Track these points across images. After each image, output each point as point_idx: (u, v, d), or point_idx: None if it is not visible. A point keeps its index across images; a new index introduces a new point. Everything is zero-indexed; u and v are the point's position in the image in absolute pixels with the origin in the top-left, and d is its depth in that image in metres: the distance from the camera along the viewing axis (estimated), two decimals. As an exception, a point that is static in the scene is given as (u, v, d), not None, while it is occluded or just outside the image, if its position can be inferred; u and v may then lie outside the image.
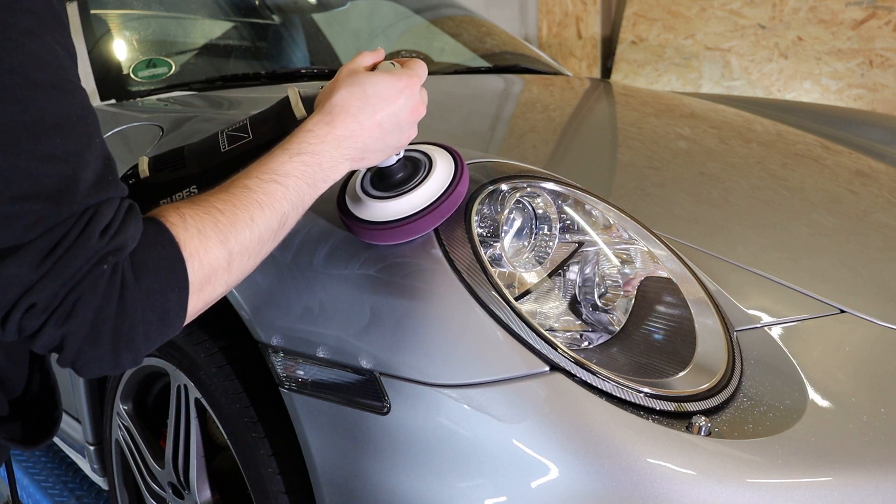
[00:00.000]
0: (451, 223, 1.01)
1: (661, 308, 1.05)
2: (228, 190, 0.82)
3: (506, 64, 2.49)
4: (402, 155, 0.99)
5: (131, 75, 1.88)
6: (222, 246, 0.78)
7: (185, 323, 0.78)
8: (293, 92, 0.97)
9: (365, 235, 1.00)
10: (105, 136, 1.60)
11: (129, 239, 0.72)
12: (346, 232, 1.04)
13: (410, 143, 1.01)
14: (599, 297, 1.07)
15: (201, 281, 0.76)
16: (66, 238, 0.68)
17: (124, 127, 1.62)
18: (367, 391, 0.97)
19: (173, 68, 1.94)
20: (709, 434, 0.89)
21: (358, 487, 0.98)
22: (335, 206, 1.02)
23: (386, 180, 0.99)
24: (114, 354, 0.72)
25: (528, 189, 1.09)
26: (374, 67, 0.98)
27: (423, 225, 0.97)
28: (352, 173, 1.04)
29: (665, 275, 1.07)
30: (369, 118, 0.90)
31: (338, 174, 0.90)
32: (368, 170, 1.01)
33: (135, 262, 0.72)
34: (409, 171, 0.99)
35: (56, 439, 1.94)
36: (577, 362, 0.92)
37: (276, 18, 2.59)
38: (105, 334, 0.71)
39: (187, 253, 0.75)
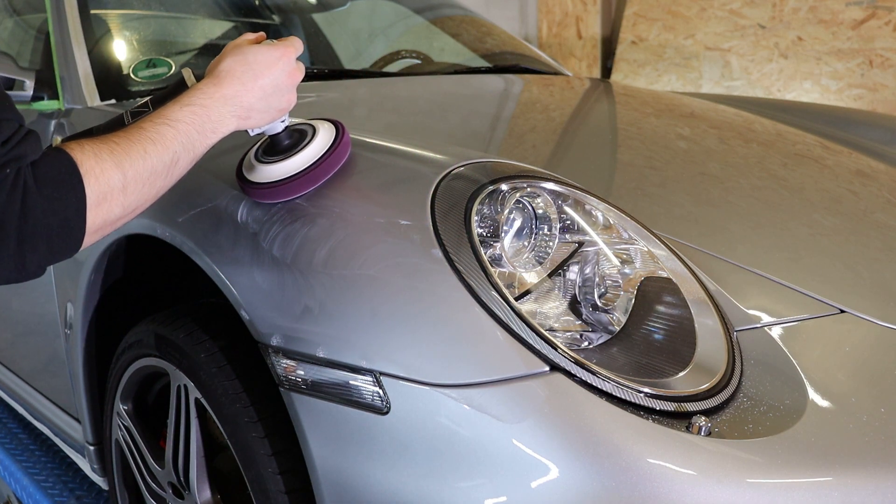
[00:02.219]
0: (452, 223, 1.01)
1: (661, 308, 1.05)
2: (125, 130, 0.95)
3: (506, 64, 2.49)
4: (287, 121, 1.12)
5: (131, 75, 1.88)
6: (117, 168, 0.90)
7: (87, 240, 0.89)
8: (187, 71, 1.10)
9: (255, 195, 1.12)
10: (105, 136, 1.60)
11: (28, 150, 0.83)
12: (346, 232, 1.04)
13: (302, 118, 1.16)
14: (599, 297, 1.07)
15: (98, 197, 0.88)
16: None
17: (124, 127, 1.61)
18: (367, 391, 0.97)
19: (173, 68, 1.93)
20: (709, 434, 0.89)
21: (358, 487, 0.98)
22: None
23: (275, 148, 1.13)
24: (19, 255, 0.83)
25: (528, 189, 1.09)
26: None
27: (303, 183, 1.09)
28: (252, 144, 1.17)
29: (665, 275, 1.07)
30: (252, 81, 1.04)
31: (225, 128, 1.02)
32: (262, 142, 1.15)
33: (36, 174, 0.83)
34: (295, 139, 1.12)
35: (56, 439, 1.94)
36: (577, 362, 0.92)
37: (276, 18, 2.59)
38: (10, 234, 0.81)
39: (84, 170, 0.87)
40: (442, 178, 1.07)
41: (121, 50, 2.04)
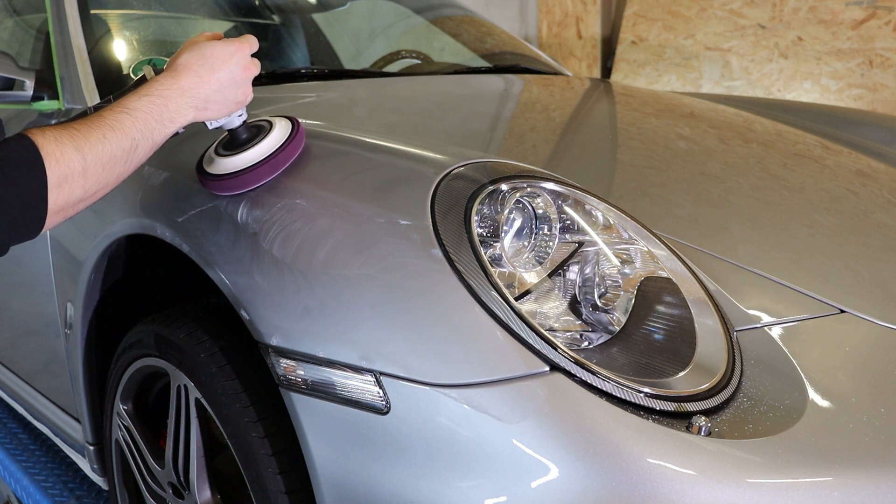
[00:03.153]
0: (452, 223, 1.01)
1: (661, 308, 1.04)
2: (86, 118, 1.00)
3: (506, 64, 2.49)
4: (244, 116, 1.17)
5: (131, 75, 1.88)
6: (77, 152, 0.94)
7: (50, 220, 0.94)
8: (147, 68, 1.17)
9: (214, 188, 1.17)
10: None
11: None
12: (346, 232, 1.04)
13: (259, 116, 1.22)
14: (599, 297, 1.07)
15: (59, 179, 0.92)
16: None
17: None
18: (367, 391, 0.97)
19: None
20: (709, 434, 0.89)
21: (358, 487, 0.98)
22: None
23: (233, 142, 1.18)
24: None
25: (528, 189, 1.09)
26: None
27: (259, 174, 1.14)
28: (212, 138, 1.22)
29: (665, 275, 1.07)
30: (209, 74, 1.09)
31: (184, 118, 1.07)
32: (222, 137, 1.21)
33: None
34: (252, 134, 1.18)
35: (56, 439, 1.94)
36: (577, 362, 0.92)
37: (276, 18, 2.59)
38: None
39: (45, 153, 0.91)
40: (442, 178, 1.07)
41: (121, 50, 2.04)
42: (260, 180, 1.14)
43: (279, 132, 1.17)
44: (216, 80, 1.10)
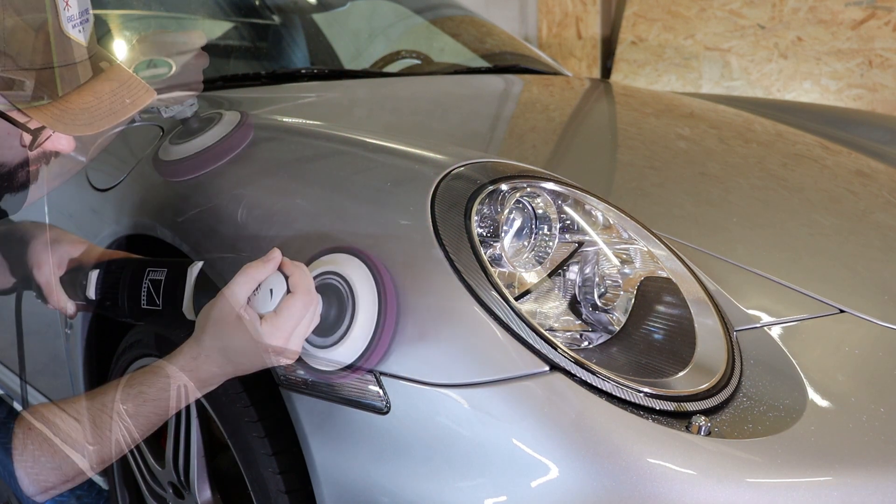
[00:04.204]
0: (452, 223, 1.01)
1: (661, 308, 1.05)
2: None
3: (506, 64, 2.49)
4: (195, 106, 1.26)
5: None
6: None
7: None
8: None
9: (165, 173, 1.27)
10: (105, 136, 1.60)
11: None
12: (346, 232, 1.04)
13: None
14: (599, 297, 1.07)
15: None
16: None
17: (125, 127, 1.61)
18: (367, 391, 0.97)
19: (173, 68, 1.93)
20: (709, 434, 0.89)
21: (358, 487, 0.98)
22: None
23: (184, 131, 1.26)
24: None
25: (528, 189, 1.09)
26: None
27: (206, 159, 1.22)
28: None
29: (665, 275, 1.07)
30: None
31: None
32: (177, 130, 1.28)
33: None
34: (203, 124, 1.27)
35: (56, 439, 1.94)
36: (576, 362, 0.92)
37: (276, 18, 2.59)
38: None
39: None
40: (442, 178, 1.07)
41: (121, 50, 2.04)
42: (206, 166, 1.22)
43: (227, 122, 1.25)
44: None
